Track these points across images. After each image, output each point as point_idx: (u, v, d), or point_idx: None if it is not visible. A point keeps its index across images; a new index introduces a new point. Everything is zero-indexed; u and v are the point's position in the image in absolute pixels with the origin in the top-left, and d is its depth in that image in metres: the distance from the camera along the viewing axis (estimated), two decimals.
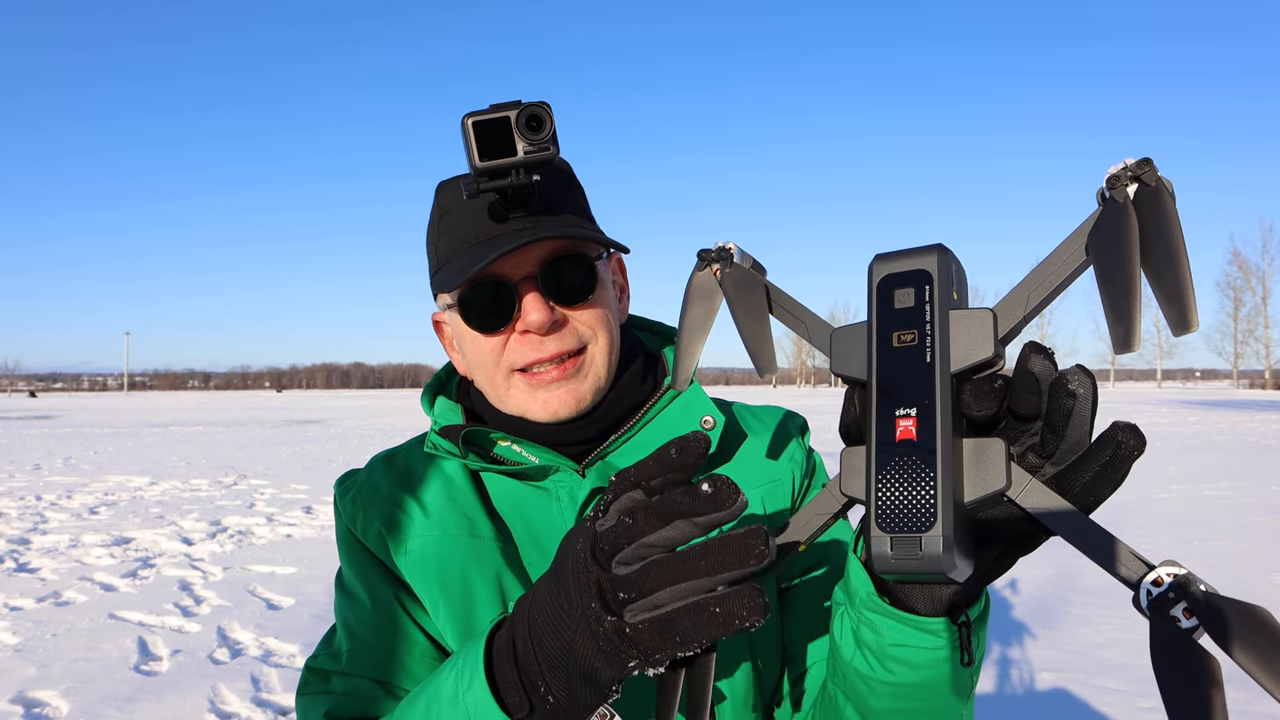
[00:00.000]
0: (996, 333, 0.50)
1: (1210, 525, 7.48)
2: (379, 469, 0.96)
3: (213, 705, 3.62)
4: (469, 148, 0.77)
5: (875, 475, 0.50)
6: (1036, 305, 0.50)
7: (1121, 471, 0.47)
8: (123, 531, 7.75)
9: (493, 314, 0.86)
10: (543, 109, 0.78)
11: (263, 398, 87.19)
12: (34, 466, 13.77)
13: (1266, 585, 5.40)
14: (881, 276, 0.53)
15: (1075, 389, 0.47)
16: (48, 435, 22.49)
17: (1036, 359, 0.49)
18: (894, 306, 0.52)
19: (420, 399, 0.99)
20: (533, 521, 0.89)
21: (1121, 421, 0.47)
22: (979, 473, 0.49)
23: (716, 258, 0.63)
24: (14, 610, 5.11)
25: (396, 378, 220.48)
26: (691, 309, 0.64)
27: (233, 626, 4.78)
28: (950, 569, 0.47)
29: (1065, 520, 0.47)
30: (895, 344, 0.51)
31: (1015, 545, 0.55)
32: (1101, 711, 3.46)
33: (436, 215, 0.92)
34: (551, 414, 0.88)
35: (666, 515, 0.51)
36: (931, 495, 0.48)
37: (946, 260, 0.52)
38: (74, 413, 41.16)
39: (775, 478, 0.95)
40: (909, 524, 0.48)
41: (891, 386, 0.51)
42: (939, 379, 0.49)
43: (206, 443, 19.20)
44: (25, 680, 3.91)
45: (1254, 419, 24.78)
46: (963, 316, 0.50)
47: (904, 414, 0.50)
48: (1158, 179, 0.46)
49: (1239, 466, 12.08)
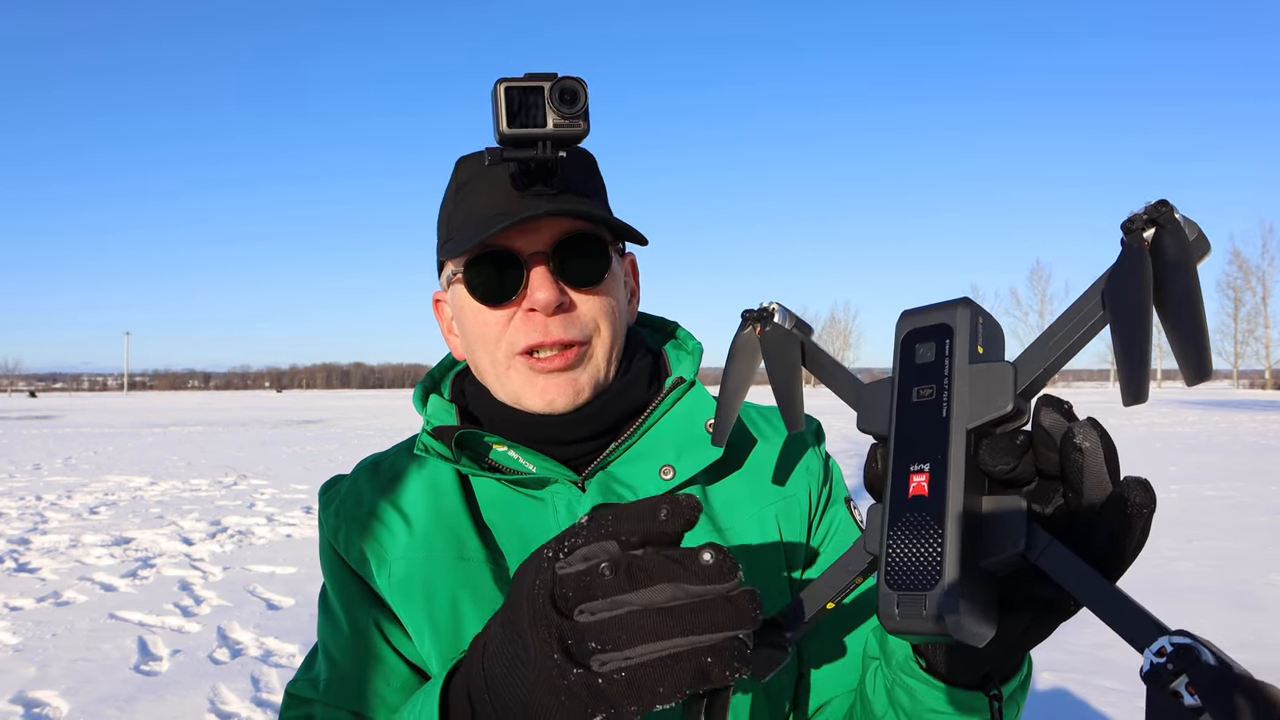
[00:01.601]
0: (1016, 386, 0.48)
1: (1210, 525, 7.48)
2: (364, 478, 0.92)
3: (213, 705, 3.62)
4: (497, 112, 0.74)
5: (888, 532, 0.49)
6: (1059, 356, 0.49)
7: (1133, 531, 0.45)
8: (123, 531, 7.75)
9: (498, 287, 0.82)
10: (578, 84, 0.75)
11: (263, 398, 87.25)
12: (34, 466, 13.77)
13: (1266, 585, 5.40)
14: (906, 332, 0.53)
15: (1081, 443, 0.45)
16: (48, 435, 22.50)
17: (1046, 413, 0.47)
18: (915, 361, 0.52)
19: (413, 397, 0.95)
20: (528, 535, 0.84)
21: (1132, 478, 0.45)
22: (996, 532, 0.47)
23: (758, 318, 0.65)
24: (14, 610, 5.11)
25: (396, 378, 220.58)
26: (734, 367, 0.66)
27: (233, 626, 4.78)
28: (956, 630, 0.45)
29: (1085, 585, 0.45)
30: (914, 399, 0.51)
31: (1047, 612, 0.52)
32: (1101, 711, 3.46)
33: (453, 188, 0.89)
34: (548, 403, 0.84)
35: (652, 576, 0.46)
36: (939, 552, 0.46)
37: (970, 314, 0.51)
38: (74, 413, 41.18)
39: (789, 493, 0.90)
40: (915, 581, 0.47)
41: (908, 442, 0.50)
42: (953, 434, 0.48)
43: (206, 443, 19.20)
44: (25, 680, 3.91)
45: (1254, 419, 24.78)
46: (981, 370, 0.49)
47: (917, 469, 0.49)
48: (1174, 220, 0.45)
49: (1239, 466, 12.09)
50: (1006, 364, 0.49)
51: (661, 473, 0.85)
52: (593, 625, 0.47)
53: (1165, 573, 5.72)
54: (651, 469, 0.85)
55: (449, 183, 0.90)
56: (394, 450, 0.96)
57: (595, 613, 0.47)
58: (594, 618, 0.47)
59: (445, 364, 1.00)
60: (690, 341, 0.97)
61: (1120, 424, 21.58)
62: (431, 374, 0.99)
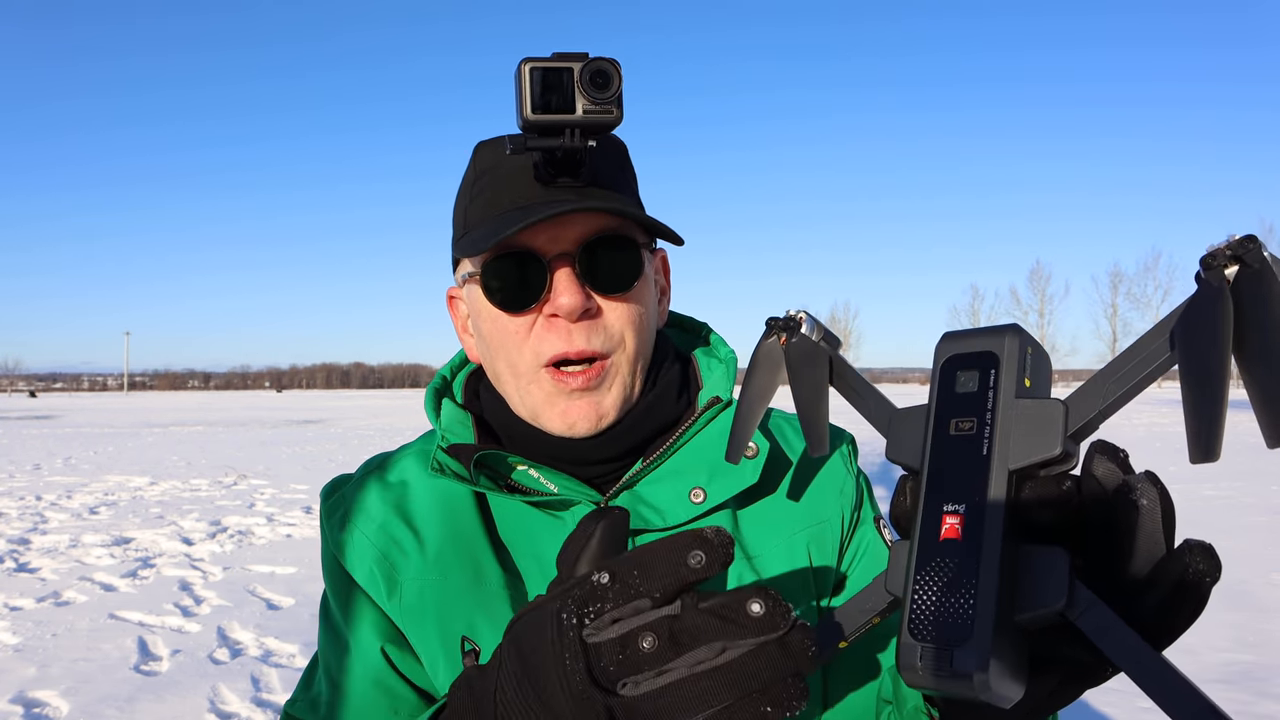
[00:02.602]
0: (1067, 427, 0.44)
1: (1210, 525, 7.48)
2: (372, 486, 0.85)
3: (213, 705, 3.61)
4: (521, 96, 0.67)
5: (914, 575, 0.45)
6: (1116, 399, 0.45)
7: (1193, 599, 0.40)
8: (123, 531, 7.74)
9: (518, 291, 0.75)
10: (611, 65, 0.67)
11: (263, 398, 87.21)
12: (34, 466, 13.76)
13: (1266, 585, 5.40)
14: (946, 357, 0.49)
15: (1139, 499, 0.41)
16: (48, 435, 22.48)
17: (1100, 461, 0.43)
18: (955, 390, 0.48)
19: (424, 404, 0.87)
20: (546, 559, 0.78)
21: (1194, 542, 0.41)
22: (1034, 585, 0.43)
23: (783, 327, 0.60)
24: (14, 610, 5.10)
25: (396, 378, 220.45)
26: (755, 378, 0.62)
27: (233, 626, 4.77)
28: (983, 690, 0.41)
29: (1129, 652, 0.40)
30: (952, 431, 0.47)
31: (1076, 675, 0.47)
32: (1101, 711, 3.46)
33: (471, 177, 0.81)
34: (568, 427, 0.77)
35: (698, 639, 0.42)
36: (970, 604, 0.42)
37: (1019, 343, 0.47)
38: (74, 413, 41.15)
39: (823, 518, 0.84)
40: (943, 635, 0.43)
41: (942, 478, 0.46)
42: (994, 474, 0.44)
43: (206, 443, 19.19)
44: (25, 680, 3.90)
45: (1253, 419, 24.58)
46: (1030, 406, 0.45)
47: (952, 510, 0.45)
48: (1264, 259, 0.40)
49: (1239, 466, 12.08)
50: (1058, 401, 0.45)
51: (691, 495, 0.79)
52: (644, 699, 0.42)
53: None
54: (681, 490, 0.79)
55: (467, 169, 0.83)
56: (403, 453, 0.89)
57: (640, 684, 0.42)
58: (640, 690, 0.42)
59: (456, 362, 0.93)
60: (723, 349, 0.91)
61: (1119, 423, 21.56)
62: (443, 374, 0.92)
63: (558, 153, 0.71)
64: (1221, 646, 4.21)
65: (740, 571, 0.80)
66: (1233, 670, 3.89)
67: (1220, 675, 3.83)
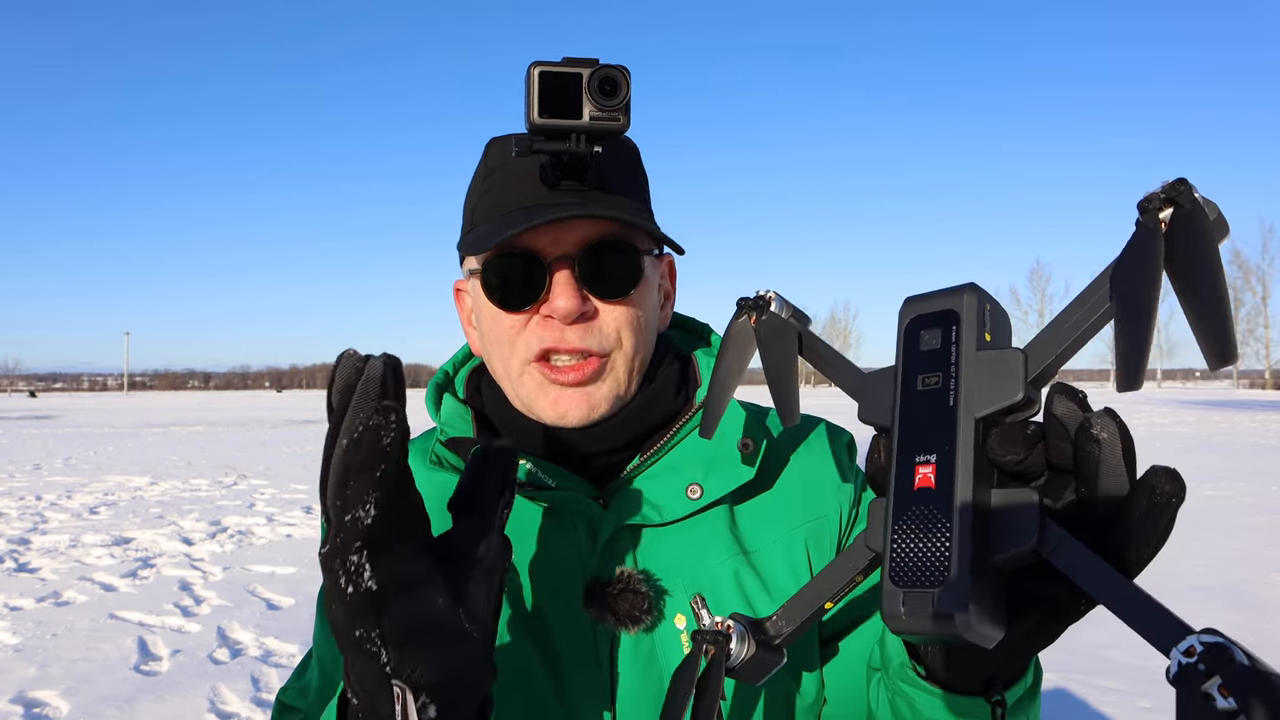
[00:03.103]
0: (1027, 374, 0.46)
1: (1210, 525, 7.48)
2: None
3: (213, 705, 3.62)
4: (529, 100, 0.68)
5: (892, 525, 0.47)
6: (1071, 342, 0.47)
7: (1159, 524, 0.42)
8: (123, 531, 7.75)
9: (517, 290, 0.77)
10: (620, 72, 0.68)
11: (263, 398, 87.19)
12: (34, 466, 13.77)
13: (1266, 585, 5.40)
14: (910, 318, 0.51)
15: (1099, 434, 0.43)
16: (48, 435, 22.49)
17: (1060, 401, 0.45)
18: (920, 349, 0.50)
19: (425, 398, 0.88)
20: (545, 551, 0.79)
21: (1159, 466, 0.43)
22: (1006, 526, 0.45)
23: (753, 306, 0.62)
24: (14, 610, 5.10)
25: None
26: (726, 357, 0.64)
27: (233, 626, 4.77)
28: (966, 630, 0.43)
29: (1101, 582, 0.42)
30: (919, 387, 0.49)
31: (1055, 612, 0.49)
32: (1101, 711, 3.46)
33: (481, 173, 0.83)
34: (559, 416, 0.79)
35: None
36: (947, 547, 0.44)
37: (977, 300, 0.49)
38: (74, 413, 41.16)
39: (820, 514, 0.84)
40: (923, 578, 0.44)
41: (913, 432, 0.48)
42: (961, 423, 0.46)
43: (206, 443, 19.19)
44: (25, 680, 3.91)
45: (1254, 419, 24.76)
46: (990, 358, 0.47)
47: (923, 460, 0.47)
48: (1194, 200, 0.43)
49: (1239, 466, 12.09)
50: (1017, 350, 0.47)
51: (688, 491, 0.80)
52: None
53: (1165, 573, 5.71)
54: (678, 486, 0.80)
55: (478, 165, 0.84)
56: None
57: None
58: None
59: (459, 358, 0.94)
60: None
61: None
62: (445, 369, 0.93)
63: (563, 157, 0.72)
64: None
65: (737, 566, 0.80)
66: None
67: None
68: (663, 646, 0.77)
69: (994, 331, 0.49)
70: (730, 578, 0.80)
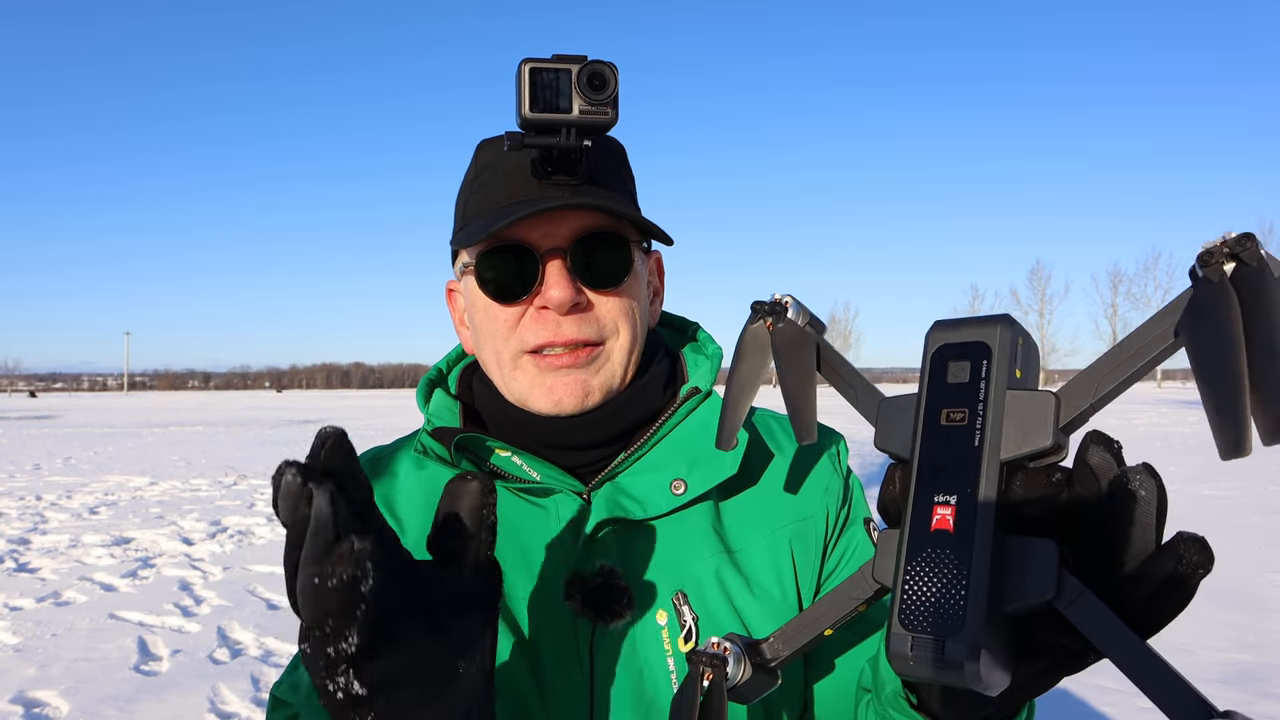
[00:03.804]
0: (1058, 419, 0.45)
1: (1210, 525, 7.47)
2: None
3: (213, 705, 3.62)
4: (520, 95, 0.69)
5: (905, 565, 0.45)
6: (1108, 392, 0.45)
7: (1183, 592, 0.41)
8: (123, 531, 7.74)
9: (511, 282, 0.78)
10: (608, 68, 0.70)
11: (263, 398, 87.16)
12: (34, 466, 13.76)
13: (1266, 585, 5.40)
14: (937, 346, 0.49)
15: (1136, 489, 0.42)
16: (48, 435, 22.48)
17: (1095, 451, 0.44)
18: (947, 380, 0.48)
19: (416, 393, 0.90)
20: (526, 544, 0.80)
21: (1188, 534, 0.41)
22: (1023, 576, 0.44)
23: (769, 311, 0.60)
24: (14, 610, 5.10)
25: (396, 378, 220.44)
26: (742, 363, 0.62)
27: (233, 626, 4.77)
28: (974, 681, 0.42)
29: (1116, 641, 0.41)
30: (943, 422, 0.47)
31: (1062, 663, 0.48)
32: (1101, 711, 3.46)
33: (472, 173, 0.84)
34: (555, 403, 0.79)
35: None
36: (962, 595, 0.43)
37: (1010, 333, 0.47)
38: (74, 413, 41.14)
39: (805, 515, 0.84)
40: (934, 625, 0.43)
41: (933, 469, 0.46)
42: (985, 465, 0.45)
43: (206, 443, 19.19)
44: (25, 680, 3.91)
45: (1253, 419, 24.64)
46: (1021, 399, 0.46)
47: (943, 500, 0.45)
48: (1261, 257, 0.41)
49: (1239, 466, 12.06)
50: (1049, 393, 0.46)
51: (673, 486, 0.80)
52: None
53: None
54: (662, 482, 0.80)
55: (469, 166, 0.85)
56: (395, 445, 0.92)
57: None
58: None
59: (453, 356, 0.95)
60: (710, 345, 0.93)
61: (1119, 424, 21.56)
62: (439, 366, 0.94)
63: (554, 151, 0.74)
64: (1221, 646, 4.21)
65: (720, 565, 0.80)
66: (1233, 670, 3.89)
67: (1220, 675, 3.83)
68: (643, 643, 0.77)
69: (1024, 368, 0.48)
70: (712, 576, 0.80)
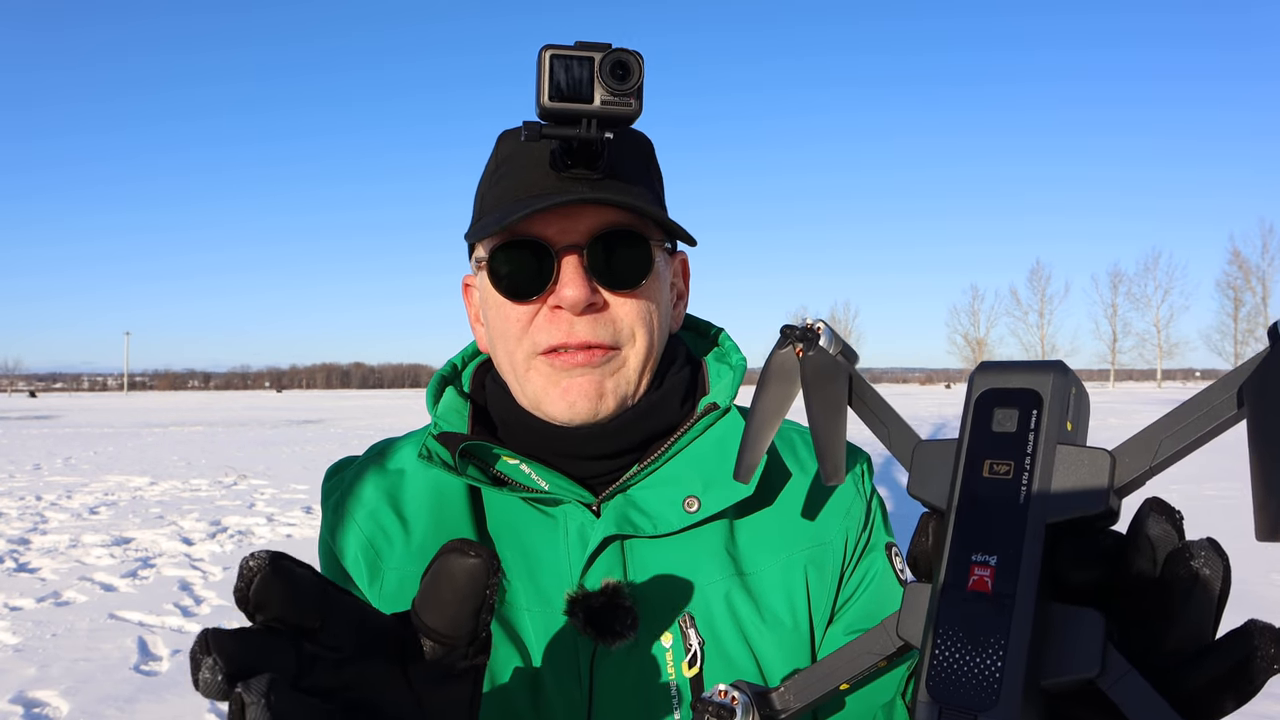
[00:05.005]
0: (1113, 482, 0.41)
1: (1210, 525, 7.48)
2: (370, 472, 0.85)
3: (213, 705, 3.61)
4: (539, 84, 0.66)
5: (936, 627, 0.42)
6: (1168, 456, 0.42)
7: (1252, 685, 0.38)
8: (123, 531, 7.75)
9: (525, 279, 0.75)
10: (633, 57, 0.67)
11: (263, 398, 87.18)
12: (34, 466, 13.76)
13: (1267, 585, 5.41)
14: (983, 390, 0.45)
15: (1200, 569, 0.39)
16: (48, 435, 22.49)
17: (1155, 521, 0.40)
18: (991, 428, 0.44)
19: (426, 391, 0.86)
20: (533, 555, 0.77)
21: (1261, 623, 0.38)
22: (1065, 649, 0.40)
23: (800, 337, 0.56)
24: (14, 610, 5.10)
25: (396, 378, 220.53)
26: (767, 391, 0.58)
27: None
28: None
29: None
30: (986, 473, 0.43)
31: None
32: None
33: (492, 165, 0.81)
34: (569, 406, 0.76)
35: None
36: (998, 667, 0.39)
37: (1064, 382, 0.44)
38: (74, 413, 41.15)
39: (823, 540, 0.81)
40: (966, 697, 0.40)
41: (973, 525, 0.43)
42: (1030, 526, 0.41)
43: (206, 443, 19.20)
44: (25, 680, 3.91)
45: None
46: (1073, 454, 0.42)
47: (981, 560, 0.41)
48: None
49: (1239, 467, 12.05)
50: (1104, 452, 0.42)
51: (685, 504, 0.77)
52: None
53: None
54: (675, 498, 0.77)
55: (490, 158, 0.83)
56: (407, 440, 0.88)
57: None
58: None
59: (468, 352, 0.92)
60: (734, 355, 0.89)
61: (1120, 423, 21.55)
62: (453, 362, 0.90)
63: (574, 142, 0.70)
64: None
65: (730, 588, 0.78)
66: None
67: None
68: (646, 665, 0.74)
69: (1076, 420, 0.44)
70: (722, 600, 0.77)
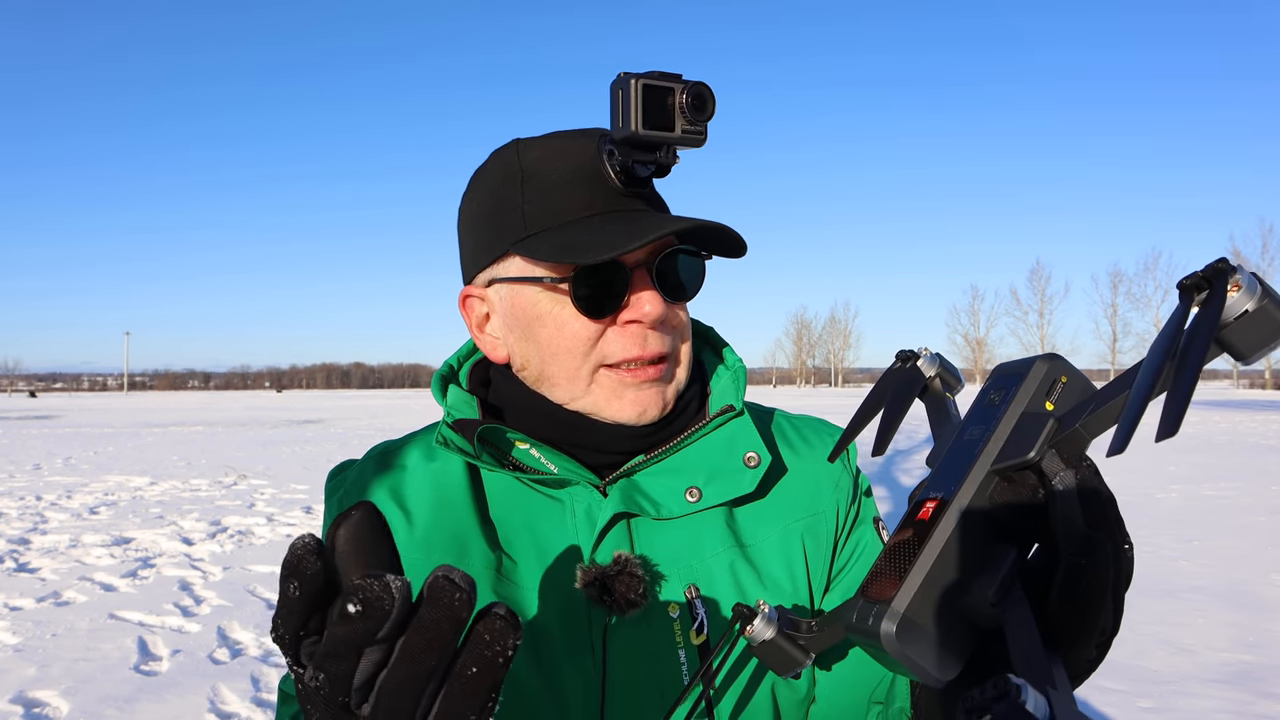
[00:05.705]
0: (1048, 436, 0.48)
1: (1210, 525, 7.48)
2: (371, 470, 0.88)
3: (213, 705, 3.62)
4: (632, 111, 0.70)
5: (887, 546, 0.50)
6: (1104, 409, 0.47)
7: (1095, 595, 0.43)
8: (123, 531, 7.75)
9: (605, 298, 0.78)
10: (708, 91, 0.72)
11: (263, 398, 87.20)
12: (34, 466, 13.77)
13: (1267, 585, 5.40)
14: (991, 378, 0.55)
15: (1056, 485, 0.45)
16: (48, 435, 22.49)
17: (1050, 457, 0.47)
18: (982, 404, 0.53)
19: (431, 387, 0.91)
20: (541, 536, 0.81)
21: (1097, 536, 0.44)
22: (978, 578, 0.47)
23: (905, 357, 0.67)
24: (14, 610, 5.10)
25: (396, 378, 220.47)
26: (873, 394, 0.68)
27: (233, 626, 4.78)
28: (890, 646, 0.45)
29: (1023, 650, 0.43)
30: (965, 438, 0.52)
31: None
32: (1101, 711, 3.46)
33: (516, 176, 0.81)
34: (639, 414, 0.81)
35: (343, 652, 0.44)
36: (905, 571, 0.47)
37: (1047, 368, 0.51)
38: (74, 413, 41.16)
39: (817, 510, 0.88)
40: (880, 592, 0.48)
41: (940, 474, 0.51)
42: (974, 470, 0.49)
43: (206, 443, 19.20)
44: (25, 680, 3.91)
45: (1254, 419, 24.77)
46: (1027, 418, 0.50)
47: (933, 496, 0.50)
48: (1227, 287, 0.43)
49: (1239, 466, 12.09)
50: (1047, 414, 0.49)
51: (688, 493, 0.82)
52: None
53: (1165, 573, 5.72)
54: (678, 487, 0.82)
55: (500, 168, 0.83)
56: (405, 439, 0.93)
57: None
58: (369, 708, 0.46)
59: (463, 352, 0.95)
60: (731, 356, 0.94)
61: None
62: (450, 363, 0.95)
63: (651, 166, 0.75)
64: (1221, 646, 4.21)
65: (733, 559, 0.83)
66: (1233, 670, 3.90)
67: (1220, 675, 3.83)
68: (656, 634, 0.78)
69: (1060, 403, 0.50)
70: (726, 569, 0.82)
